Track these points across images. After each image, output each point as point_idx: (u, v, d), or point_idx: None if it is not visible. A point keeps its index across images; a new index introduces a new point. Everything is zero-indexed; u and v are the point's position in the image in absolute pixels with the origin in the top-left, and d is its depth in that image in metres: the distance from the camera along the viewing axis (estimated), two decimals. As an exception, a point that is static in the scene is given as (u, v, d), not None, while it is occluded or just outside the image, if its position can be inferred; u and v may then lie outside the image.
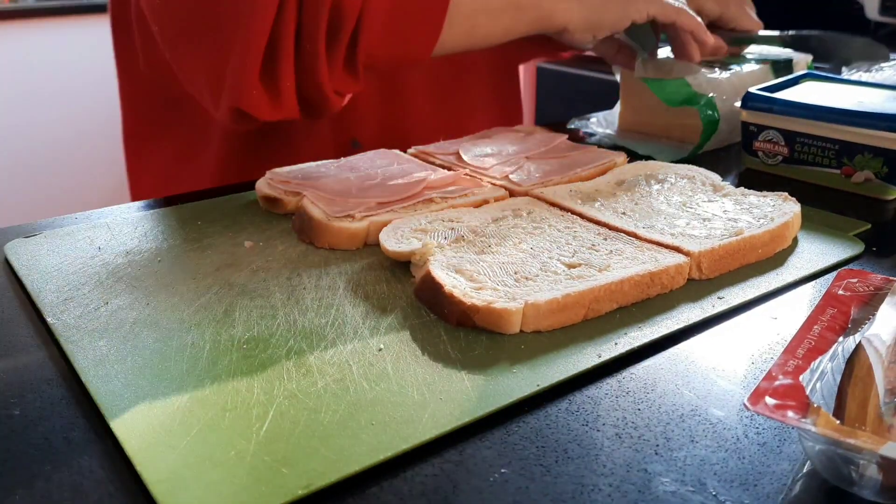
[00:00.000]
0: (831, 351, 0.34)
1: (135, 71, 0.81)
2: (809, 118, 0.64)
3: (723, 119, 0.76)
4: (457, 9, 0.67)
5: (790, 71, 0.82)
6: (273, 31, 0.61)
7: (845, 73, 0.76)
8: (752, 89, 0.70)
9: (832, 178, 0.64)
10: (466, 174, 0.62)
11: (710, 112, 0.72)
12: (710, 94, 0.73)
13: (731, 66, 0.79)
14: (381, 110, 0.84)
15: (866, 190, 0.63)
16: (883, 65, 0.75)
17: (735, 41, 0.86)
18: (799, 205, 0.54)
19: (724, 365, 0.39)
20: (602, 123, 0.83)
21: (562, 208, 0.55)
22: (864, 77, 0.74)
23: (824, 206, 0.59)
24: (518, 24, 0.73)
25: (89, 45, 2.36)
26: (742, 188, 0.58)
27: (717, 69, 0.79)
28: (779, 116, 0.66)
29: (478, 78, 0.91)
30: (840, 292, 0.39)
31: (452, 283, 0.43)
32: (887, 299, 0.38)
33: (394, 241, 0.49)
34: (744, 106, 0.69)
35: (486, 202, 0.57)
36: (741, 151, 0.71)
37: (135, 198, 0.86)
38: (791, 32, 0.87)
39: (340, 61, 0.65)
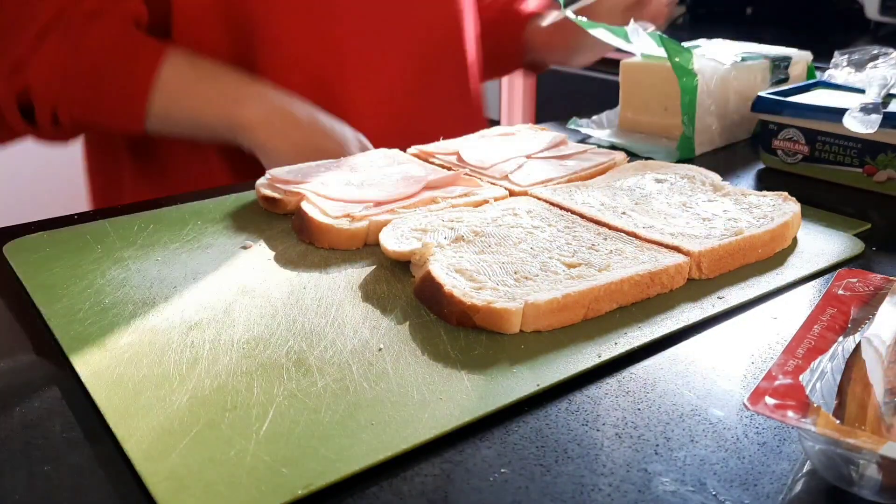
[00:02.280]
0: (831, 351, 0.34)
1: None
2: (832, 120, 0.64)
3: (717, 118, 0.76)
4: (154, 119, 0.70)
5: (788, 69, 0.82)
6: None
7: (835, 58, 0.76)
8: (762, 93, 0.70)
9: (854, 176, 0.64)
10: (466, 174, 0.62)
11: (685, 78, 0.71)
12: (692, 68, 0.72)
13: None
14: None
15: (888, 188, 0.63)
16: (878, 59, 0.75)
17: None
18: (799, 205, 0.54)
19: (724, 365, 0.39)
20: (602, 123, 0.83)
21: (562, 208, 0.55)
22: (854, 72, 0.74)
23: (843, 205, 0.59)
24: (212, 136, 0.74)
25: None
26: (742, 188, 0.58)
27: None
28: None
29: (435, 95, 0.89)
30: (840, 292, 0.39)
31: (452, 283, 0.43)
32: (887, 299, 0.38)
33: (394, 241, 0.49)
34: (760, 110, 0.69)
35: (486, 202, 0.57)
36: (758, 150, 0.71)
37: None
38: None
39: (47, 127, 0.69)
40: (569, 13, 0.79)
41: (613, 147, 0.74)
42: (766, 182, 0.68)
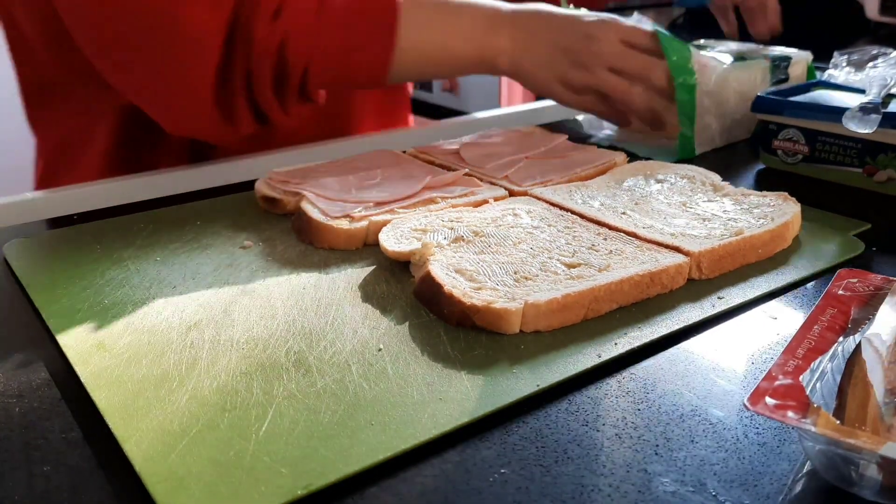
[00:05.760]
0: (831, 351, 0.34)
1: (27, 63, 0.80)
2: (832, 120, 0.64)
3: (716, 117, 0.75)
4: (401, 62, 0.68)
5: (788, 69, 0.82)
6: (223, 74, 0.63)
7: (835, 58, 0.76)
8: (762, 93, 0.70)
9: (854, 177, 0.64)
10: (466, 174, 0.62)
11: (683, 77, 0.70)
12: (691, 66, 0.72)
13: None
14: None
15: (888, 189, 0.63)
16: (877, 59, 0.75)
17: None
18: (799, 205, 0.54)
19: (724, 365, 0.39)
20: (603, 123, 0.83)
21: (562, 208, 0.55)
22: (854, 72, 0.74)
23: (843, 205, 0.59)
24: (461, 72, 0.74)
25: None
26: (742, 188, 0.58)
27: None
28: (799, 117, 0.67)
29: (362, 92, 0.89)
30: (840, 292, 0.39)
31: (452, 283, 0.43)
32: (887, 299, 0.38)
33: (393, 241, 0.49)
34: (760, 110, 0.69)
35: (486, 202, 0.57)
36: (758, 150, 0.71)
37: (36, 180, 0.86)
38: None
39: (293, 99, 0.67)
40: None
41: (613, 147, 0.74)
42: (766, 182, 0.67)
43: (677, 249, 0.48)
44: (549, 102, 0.91)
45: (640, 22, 0.74)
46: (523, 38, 0.70)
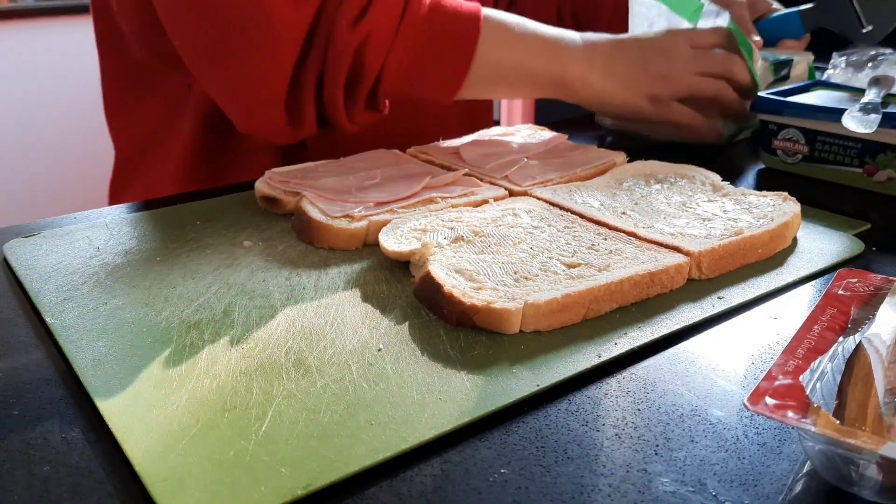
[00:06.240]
0: (831, 351, 0.34)
1: (112, 40, 0.80)
2: (831, 120, 0.64)
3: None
4: (475, 77, 0.68)
5: (789, 70, 0.82)
6: (296, 72, 0.63)
7: (834, 59, 0.76)
8: (763, 93, 0.70)
9: (854, 176, 0.64)
10: (466, 174, 0.62)
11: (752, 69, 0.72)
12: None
13: None
14: None
15: (888, 189, 0.63)
16: (877, 59, 0.75)
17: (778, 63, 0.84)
18: (799, 205, 0.54)
19: (724, 365, 0.39)
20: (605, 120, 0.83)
21: (562, 208, 0.55)
22: (854, 72, 0.74)
23: (843, 205, 0.60)
24: (535, 92, 0.73)
25: (89, 43, 2.36)
26: (742, 188, 0.58)
27: None
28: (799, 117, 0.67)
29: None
30: (840, 292, 0.39)
31: (452, 283, 0.43)
32: (887, 299, 0.38)
33: (393, 241, 0.49)
34: (760, 110, 0.69)
35: (486, 202, 0.57)
36: (758, 150, 0.71)
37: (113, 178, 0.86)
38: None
39: (361, 103, 0.66)
40: None
41: (617, 140, 0.74)
42: (766, 182, 0.67)
43: (677, 249, 0.48)
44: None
45: (718, 15, 0.75)
46: (601, 61, 0.71)
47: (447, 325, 0.42)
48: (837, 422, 0.29)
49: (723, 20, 0.75)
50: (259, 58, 0.62)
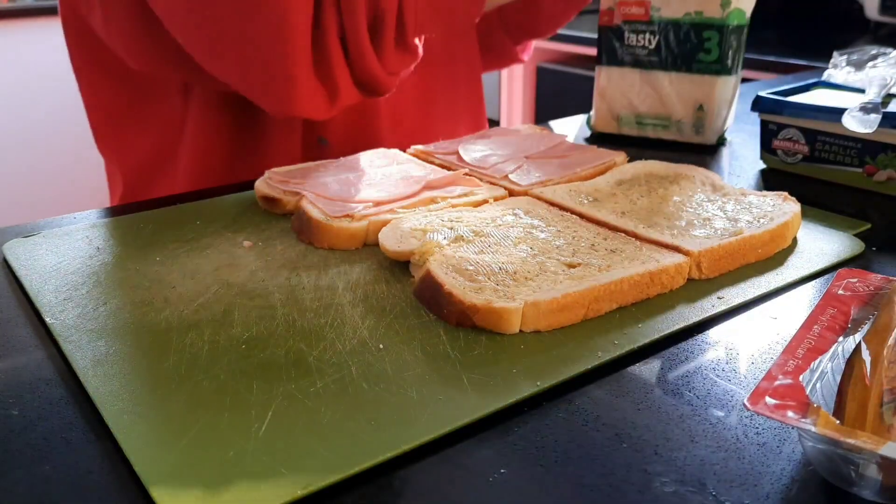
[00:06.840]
0: (831, 351, 0.34)
1: (94, 74, 0.78)
2: (832, 120, 0.64)
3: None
4: None
5: None
6: (315, 36, 0.61)
7: (834, 58, 0.76)
8: (763, 93, 0.70)
9: (854, 176, 0.64)
10: (466, 174, 0.62)
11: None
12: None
13: None
14: (349, 109, 0.83)
15: (888, 189, 0.63)
16: (877, 59, 0.74)
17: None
18: (799, 205, 0.54)
19: (723, 365, 0.39)
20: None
21: (562, 208, 0.55)
22: (854, 72, 0.73)
23: (843, 205, 0.59)
24: None
25: (89, 44, 2.35)
26: (742, 188, 0.58)
27: None
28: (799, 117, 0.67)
29: (450, 83, 0.89)
30: (840, 292, 0.39)
31: (452, 282, 0.43)
32: (888, 299, 0.38)
33: (393, 241, 0.49)
34: (760, 110, 0.69)
35: (486, 202, 0.57)
36: (759, 150, 0.71)
37: (113, 199, 0.84)
38: None
39: (390, 47, 0.64)
40: None
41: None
42: (766, 182, 0.67)
43: (677, 249, 0.48)
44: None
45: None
46: None
47: (447, 325, 0.42)
48: (837, 422, 0.29)
49: None
50: (273, 32, 0.59)
